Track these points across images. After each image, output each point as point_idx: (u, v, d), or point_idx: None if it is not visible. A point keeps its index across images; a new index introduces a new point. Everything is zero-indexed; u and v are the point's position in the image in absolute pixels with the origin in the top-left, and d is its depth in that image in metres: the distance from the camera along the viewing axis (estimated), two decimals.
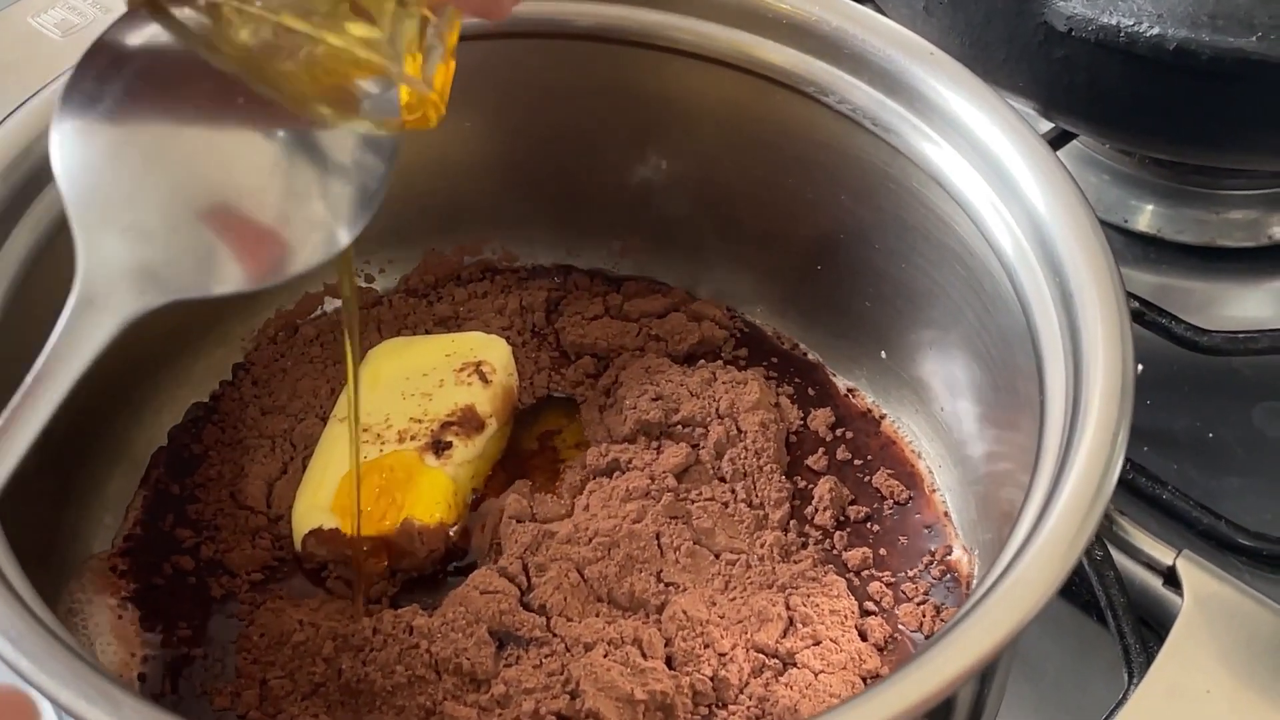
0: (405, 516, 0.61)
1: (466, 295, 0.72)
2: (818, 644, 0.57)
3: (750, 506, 0.63)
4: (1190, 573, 0.54)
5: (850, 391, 0.69)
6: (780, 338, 0.71)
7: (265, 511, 0.63)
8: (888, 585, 0.61)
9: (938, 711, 0.49)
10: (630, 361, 0.69)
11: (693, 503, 0.62)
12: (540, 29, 0.66)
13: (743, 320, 0.72)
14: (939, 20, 0.71)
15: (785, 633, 0.58)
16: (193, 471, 0.65)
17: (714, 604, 0.58)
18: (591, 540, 0.60)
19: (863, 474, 0.65)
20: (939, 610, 0.60)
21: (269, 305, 0.71)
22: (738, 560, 0.60)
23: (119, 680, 0.44)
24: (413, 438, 0.64)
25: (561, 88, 0.68)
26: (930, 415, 0.66)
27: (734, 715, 0.55)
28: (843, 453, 0.66)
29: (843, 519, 0.64)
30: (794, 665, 0.57)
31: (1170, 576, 0.55)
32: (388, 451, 0.63)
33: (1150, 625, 0.60)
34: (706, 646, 0.56)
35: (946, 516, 0.64)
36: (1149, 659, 0.56)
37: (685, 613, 0.57)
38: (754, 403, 0.65)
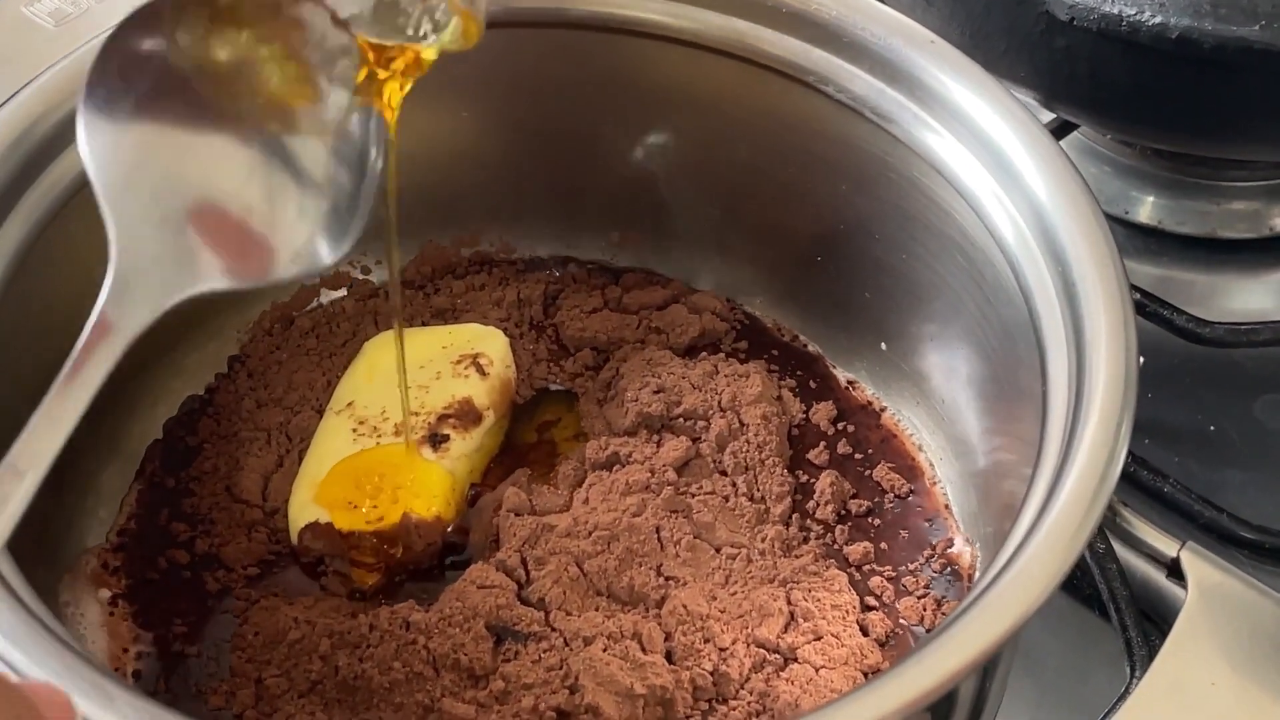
0: (402, 510, 0.61)
1: (464, 287, 0.72)
2: (819, 639, 0.57)
3: (751, 500, 0.62)
4: (1194, 565, 0.54)
5: (850, 384, 0.69)
6: (780, 329, 0.71)
7: (261, 505, 0.63)
8: (888, 579, 0.61)
9: (940, 706, 0.49)
10: (631, 354, 0.68)
11: (693, 496, 0.62)
12: (537, 18, 0.66)
13: (742, 312, 0.71)
14: (939, 9, 0.71)
15: (786, 628, 0.57)
16: (188, 465, 0.65)
17: (714, 598, 0.58)
18: (591, 534, 0.59)
19: (863, 467, 0.65)
20: (940, 604, 0.60)
21: (264, 298, 0.70)
22: (738, 554, 0.60)
23: (113, 675, 0.44)
24: (410, 430, 0.63)
25: (559, 78, 0.68)
26: (931, 407, 0.66)
27: (734, 710, 0.55)
28: (843, 446, 0.66)
29: (844, 513, 0.63)
30: (795, 660, 0.56)
31: (1174, 568, 0.55)
32: (384, 444, 0.63)
33: (1152, 619, 0.59)
34: (707, 641, 0.56)
35: (947, 509, 0.63)
36: (1151, 652, 0.56)
37: (685, 607, 0.57)
38: (756, 395, 0.65)
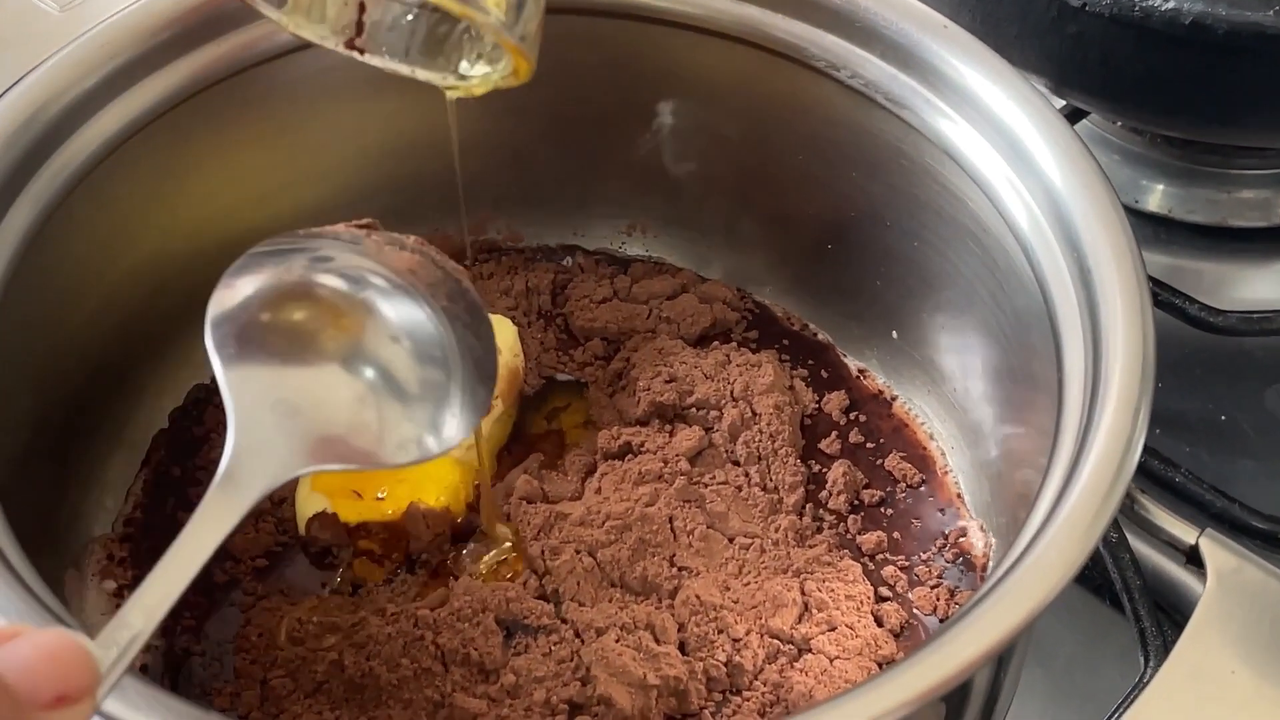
0: (411, 500, 0.60)
1: (472, 276, 0.71)
2: (833, 629, 0.57)
3: (764, 490, 0.62)
4: (1214, 552, 0.53)
5: (861, 372, 0.68)
6: (790, 318, 0.70)
7: (268, 495, 0.62)
8: (901, 569, 0.60)
9: (954, 696, 0.48)
10: (642, 344, 0.68)
11: (706, 486, 0.62)
12: (547, 4, 0.65)
13: (752, 300, 0.71)
14: None
15: (800, 618, 0.57)
16: (194, 454, 0.64)
17: (728, 589, 0.58)
18: (604, 523, 0.59)
19: (875, 457, 0.65)
20: (953, 593, 0.59)
21: None
22: (752, 544, 0.60)
23: None
24: None
25: (568, 64, 0.67)
26: (943, 396, 0.65)
27: (748, 701, 0.55)
28: (855, 436, 0.65)
29: (856, 503, 0.63)
30: (809, 651, 0.56)
31: (1192, 556, 0.54)
32: None
33: (1164, 610, 0.59)
34: (720, 632, 0.56)
35: (959, 499, 0.63)
36: (1165, 643, 0.55)
37: (699, 597, 0.56)
38: (768, 385, 0.64)
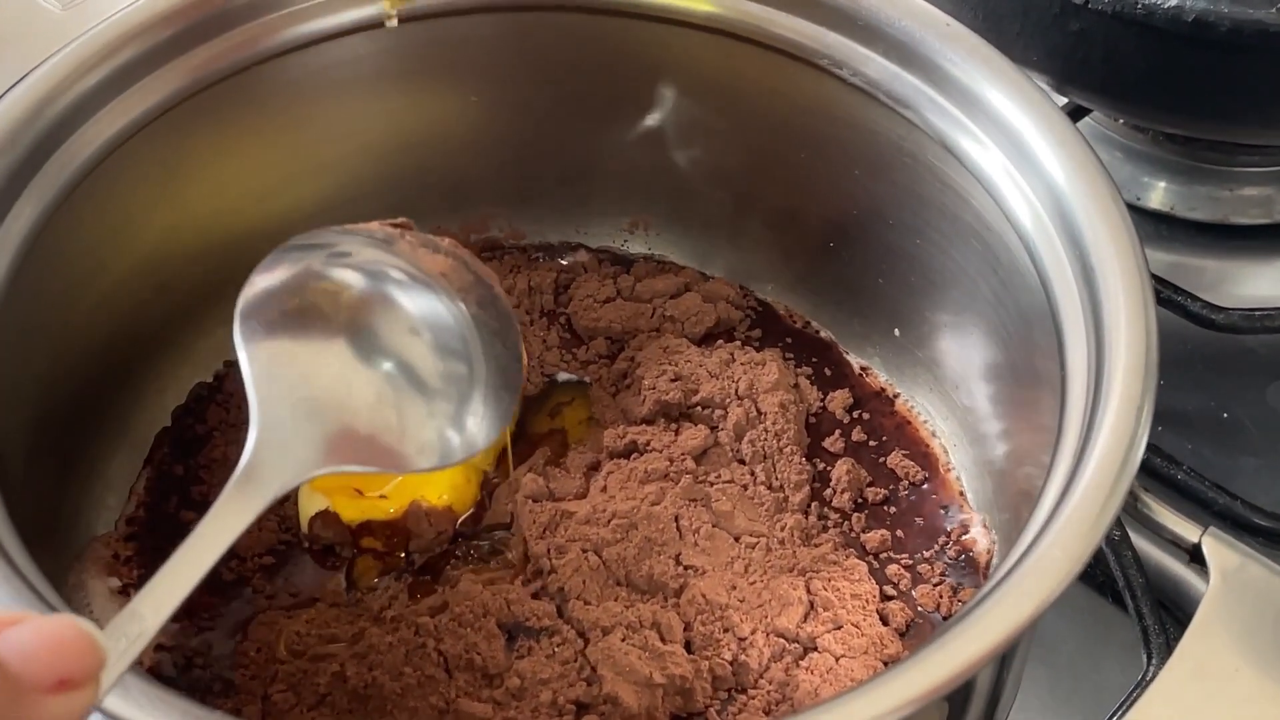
0: (413, 498, 0.60)
1: None
2: (839, 628, 0.57)
3: (770, 489, 0.62)
4: (1216, 550, 0.53)
5: (863, 370, 0.68)
6: (792, 316, 0.70)
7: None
8: (905, 567, 0.60)
9: (957, 694, 0.48)
10: (646, 343, 0.68)
11: (712, 485, 0.62)
12: (548, 2, 0.65)
13: (755, 298, 0.71)
14: None
15: (806, 617, 0.57)
16: (197, 452, 0.64)
17: (734, 588, 0.58)
18: (610, 522, 0.59)
19: (878, 455, 0.65)
20: (956, 591, 0.59)
21: None
22: (758, 543, 0.60)
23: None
24: None
25: (569, 62, 0.67)
26: (945, 394, 0.65)
27: (754, 700, 0.55)
28: (858, 434, 0.65)
29: (860, 501, 0.63)
30: (815, 650, 0.56)
31: (1195, 554, 0.54)
32: None
33: (1166, 608, 0.59)
34: (726, 631, 0.56)
35: (962, 496, 0.63)
36: (1168, 641, 0.55)
37: (704, 596, 0.56)
38: (773, 384, 0.64)
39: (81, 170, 0.57)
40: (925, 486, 0.64)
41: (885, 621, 0.58)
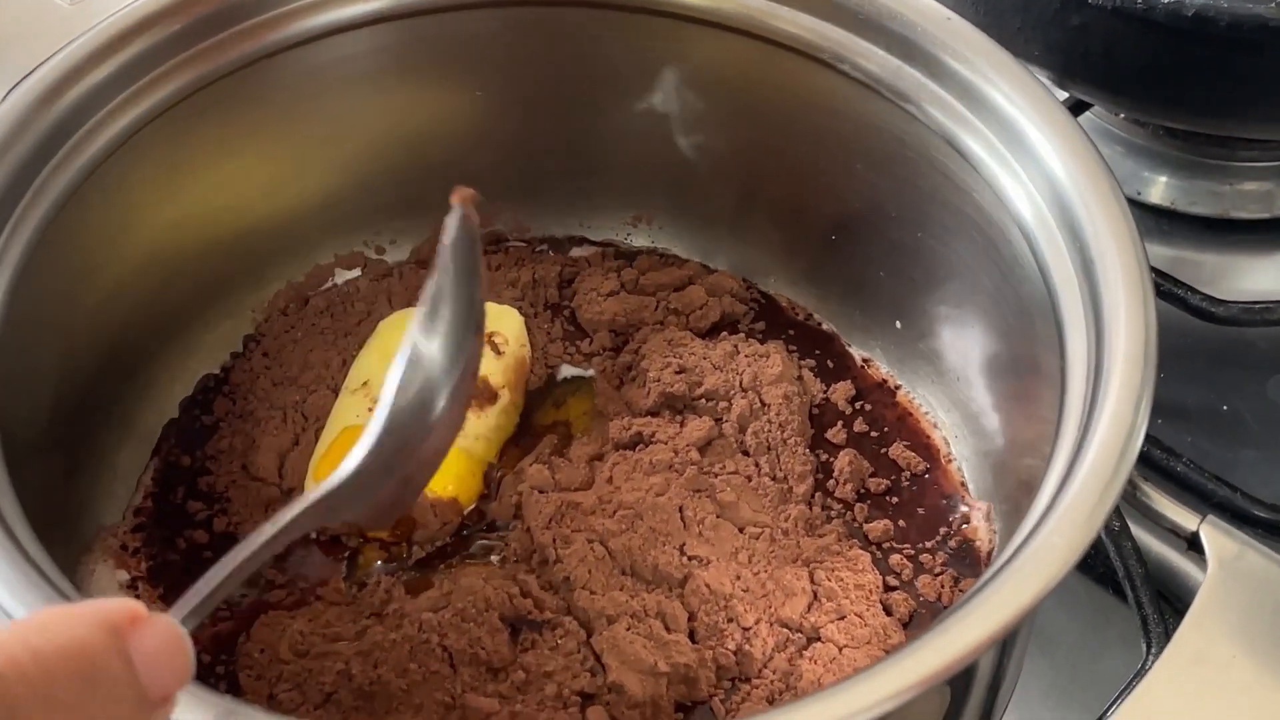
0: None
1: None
2: (842, 619, 0.57)
3: (774, 480, 0.62)
4: (1214, 538, 0.53)
5: (865, 362, 0.69)
6: (795, 308, 0.71)
7: (278, 483, 0.63)
8: (907, 557, 0.61)
9: (959, 679, 0.49)
10: (650, 335, 0.68)
11: (716, 476, 0.62)
12: None
13: (758, 291, 0.71)
14: None
15: (809, 607, 0.57)
16: (204, 443, 0.65)
17: (738, 578, 0.58)
18: (615, 512, 0.59)
19: (880, 446, 0.65)
20: (957, 581, 0.60)
21: (279, 277, 0.70)
22: (762, 534, 0.60)
23: None
24: None
25: (573, 56, 0.67)
26: (946, 385, 0.66)
27: (757, 689, 0.55)
28: (860, 425, 0.66)
29: (863, 491, 0.63)
30: (818, 640, 0.56)
31: (1194, 543, 0.54)
32: None
33: (1165, 598, 0.59)
34: (730, 620, 0.56)
35: (963, 486, 0.63)
36: (1167, 630, 0.56)
37: (709, 586, 0.57)
38: (777, 375, 0.65)
39: (89, 165, 0.57)
40: (927, 477, 0.64)
41: (889, 612, 0.58)
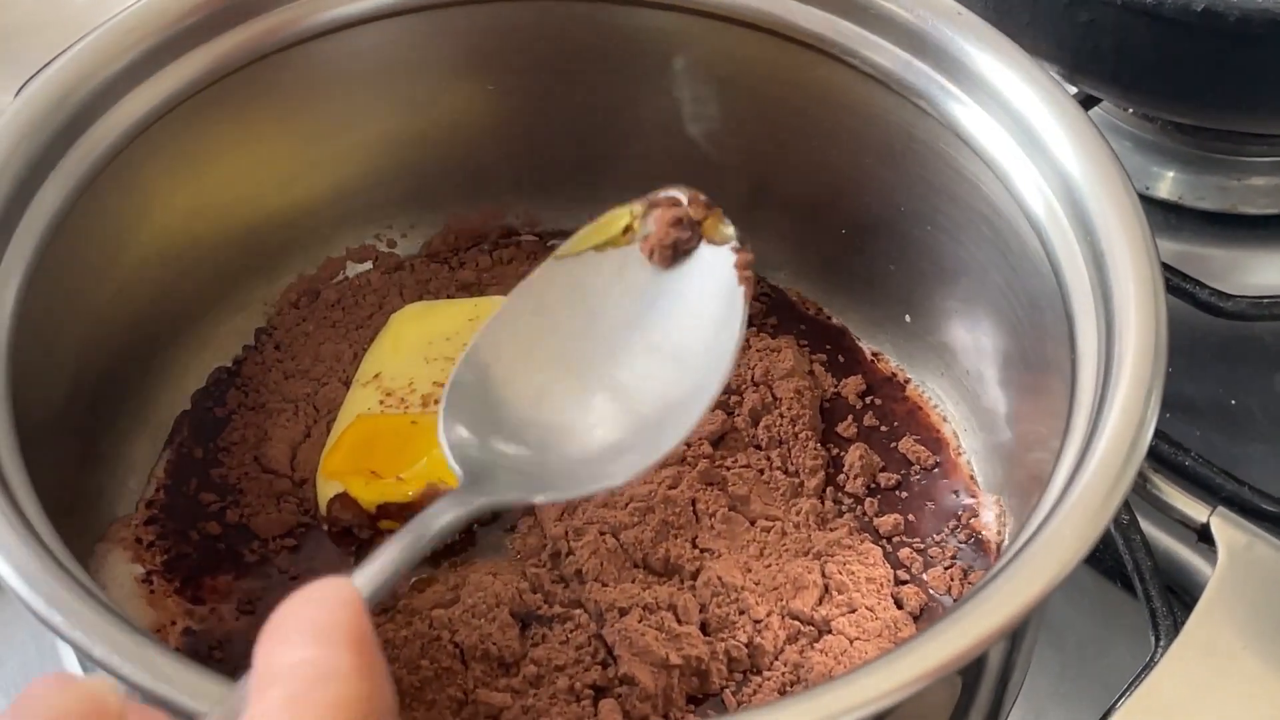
0: (429, 481, 0.61)
1: (490, 261, 0.72)
2: (853, 611, 0.57)
3: (786, 474, 0.62)
4: (1225, 530, 0.54)
5: (875, 356, 0.69)
6: (805, 302, 0.71)
7: (290, 475, 0.63)
8: (917, 551, 0.61)
9: (970, 670, 0.49)
10: None
11: (728, 469, 0.62)
12: None
13: (768, 285, 0.71)
14: None
15: (821, 600, 0.57)
16: (216, 435, 0.65)
17: (749, 570, 0.58)
18: (627, 505, 0.59)
19: (889, 440, 0.65)
20: (966, 574, 0.60)
21: (291, 270, 0.70)
22: (773, 527, 0.60)
23: (158, 639, 0.44)
24: (436, 401, 0.63)
25: (584, 50, 0.68)
26: (955, 379, 0.66)
27: (768, 681, 0.55)
28: (870, 419, 0.66)
29: (873, 485, 0.63)
30: (829, 632, 0.57)
31: (1204, 534, 0.55)
32: (410, 414, 0.63)
33: (1174, 592, 0.59)
34: (741, 613, 0.56)
35: (973, 480, 0.64)
36: (1175, 623, 0.56)
37: (720, 579, 0.57)
38: (788, 370, 0.65)
39: (104, 157, 0.57)
40: (936, 471, 0.64)
41: (899, 605, 0.58)
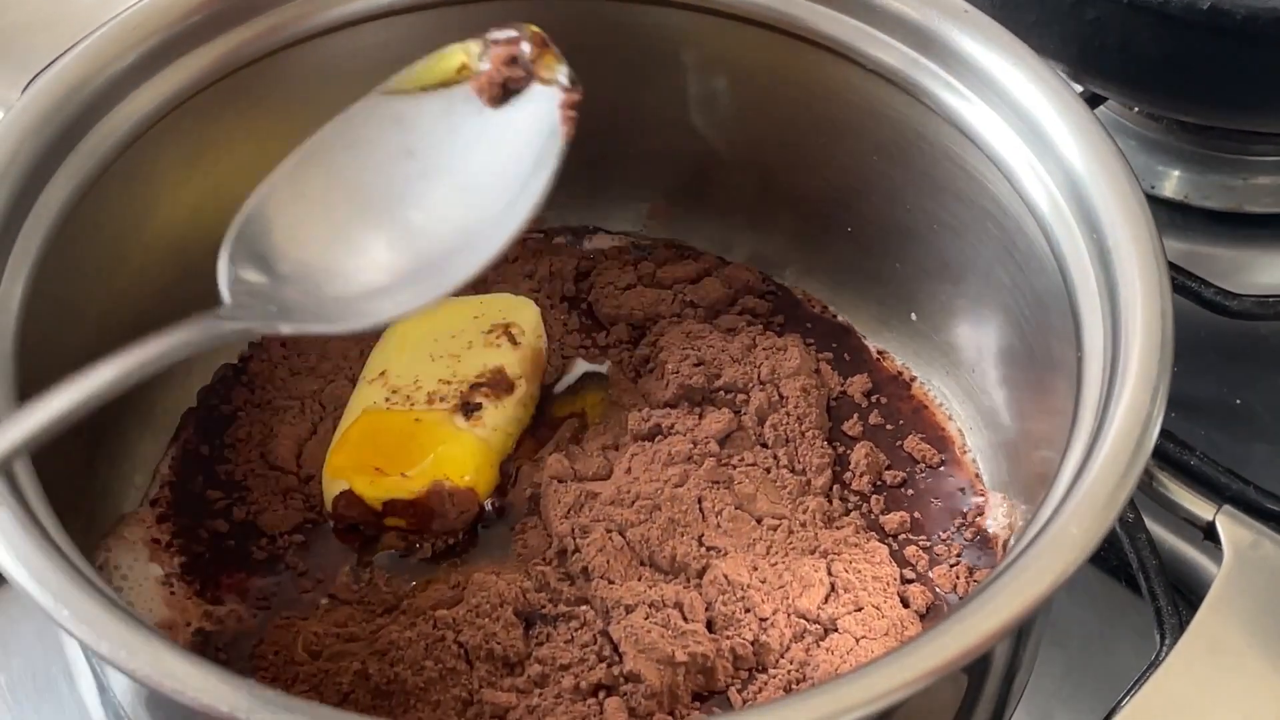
0: (435, 478, 0.61)
1: (495, 261, 0.72)
2: (859, 610, 0.57)
3: (793, 472, 0.62)
4: (1230, 529, 0.54)
5: (881, 355, 0.69)
6: (811, 301, 0.71)
7: (296, 471, 0.63)
8: (923, 549, 0.61)
9: (975, 667, 0.49)
10: (668, 328, 0.68)
11: (735, 468, 0.62)
12: None
13: (774, 283, 0.71)
14: None
15: (827, 598, 0.57)
16: (222, 432, 0.65)
17: (755, 569, 0.58)
18: (634, 503, 0.59)
19: (895, 438, 0.65)
20: (972, 572, 0.60)
21: None
22: (779, 525, 0.60)
23: (166, 636, 0.44)
24: (441, 399, 0.63)
25: (589, 48, 0.67)
26: (961, 378, 0.66)
27: (774, 679, 0.55)
28: (876, 417, 0.66)
29: (879, 484, 0.63)
30: (835, 631, 0.57)
31: (1209, 532, 0.55)
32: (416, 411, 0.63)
33: (1180, 591, 0.59)
34: (748, 611, 0.56)
35: (978, 479, 0.64)
36: (1180, 622, 0.56)
37: (726, 577, 0.57)
38: (795, 368, 0.65)
39: (111, 153, 0.57)
40: (942, 469, 0.64)
41: (906, 604, 0.58)
